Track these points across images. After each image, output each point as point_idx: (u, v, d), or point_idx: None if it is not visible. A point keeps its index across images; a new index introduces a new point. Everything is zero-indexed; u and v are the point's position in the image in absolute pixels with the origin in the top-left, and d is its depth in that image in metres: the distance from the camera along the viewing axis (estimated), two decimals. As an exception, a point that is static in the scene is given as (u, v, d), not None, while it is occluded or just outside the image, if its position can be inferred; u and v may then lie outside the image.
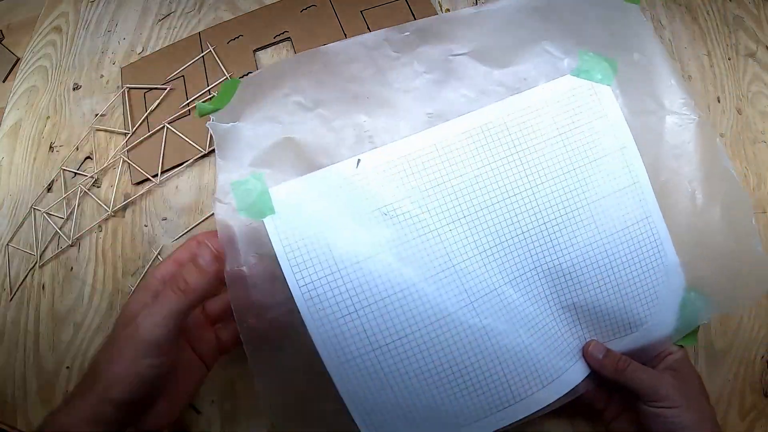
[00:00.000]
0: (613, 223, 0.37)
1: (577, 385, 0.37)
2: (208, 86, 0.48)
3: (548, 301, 0.37)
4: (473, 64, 0.39)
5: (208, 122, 0.36)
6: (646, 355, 0.37)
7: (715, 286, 0.38)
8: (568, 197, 0.37)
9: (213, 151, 0.46)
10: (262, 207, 0.34)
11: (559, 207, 0.36)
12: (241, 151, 0.36)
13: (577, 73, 0.38)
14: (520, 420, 0.36)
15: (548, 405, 0.36)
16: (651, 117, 0.38)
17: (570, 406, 0.37)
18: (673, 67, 0.40)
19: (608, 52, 0.39)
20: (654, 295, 0.37)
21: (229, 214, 0.34)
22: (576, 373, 0.37)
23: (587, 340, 0.37)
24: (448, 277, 0.35)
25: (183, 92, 0.49)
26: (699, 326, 0.38)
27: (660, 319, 0.37)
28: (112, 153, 0.48)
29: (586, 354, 0.37)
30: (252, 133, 0.36)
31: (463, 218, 0.36)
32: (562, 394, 0.36)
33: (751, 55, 0.50)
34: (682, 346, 0.37)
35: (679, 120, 0.38)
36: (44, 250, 0.47)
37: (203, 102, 0.38)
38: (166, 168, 0.47)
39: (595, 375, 0.37)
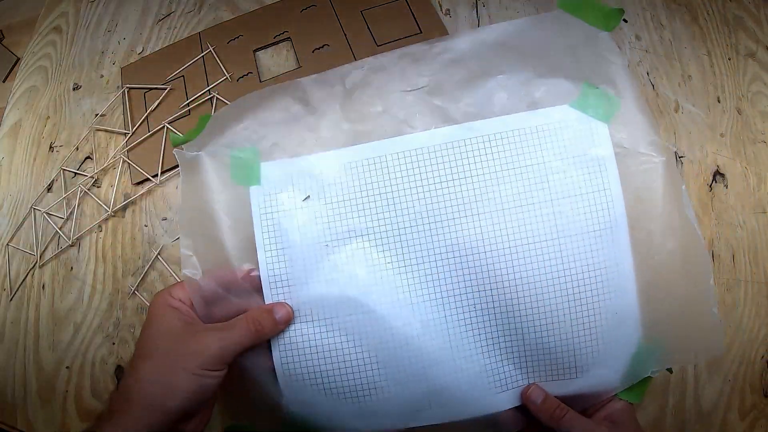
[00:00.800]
0: (580, 263, 0.35)
1: (498, 413, 0.36)
2: (208, 86, 0.48)
3: (488, 326, 0.36)
4: (424, 99, 0.39)
5: (174, 150, 0.39)
6: (587, 401, 0.36)
7: (669, 342, 0.36)
8: (538, 227, 0.35)
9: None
10: (250, 176, 0.38)
11: (526, 235, 0.35)
12: (204, 175, 0.38)
13: (577, 105, 0.37)
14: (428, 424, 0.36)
15: (460, 421, 0.36)
16: (618, 155, 0.36)
17: None
18: (644, 103, 0.37)
19: (575, 82, 0.37)
20: (607, 343, 0.36)
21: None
22: (500, 402, 0.36)
23: (527, 373, 0.36)
24: (387, 278, 0.36)
25: (183, 92, 0.49)
26: (648, 382, 0.37)
27: (609, 367, 0.36)
28: (112, 153, 0.48)
29: (525, 397, 0.36)
30: (213, 160, 0.39)
31: (409, 228, 0.36)
32: (476, 415, 0.36)
33: (751, 55, 0.50)
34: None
35: (646, 161, 0.36)
36: (44, 250, 0.47)
37: (176, 135, 0.40)
38: (166, 168, 0.47)
39: (522, 412, 0.37)
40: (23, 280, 0.47)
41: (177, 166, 0.46)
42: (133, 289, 0.44)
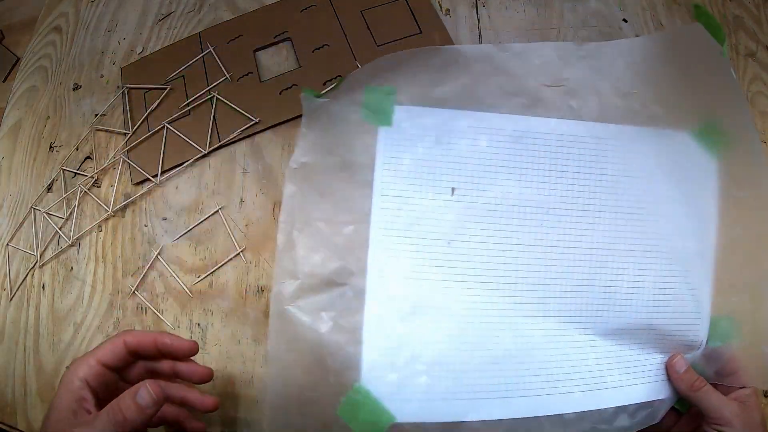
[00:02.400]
0: (671, 279, 0.38)
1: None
2: (208, 86, 0.48)
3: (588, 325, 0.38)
4: (561, 98, 0.41)
5: (301, 94, 0.41)
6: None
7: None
8: (642, 236, 0.39)
9: (213, 150, 0.47)
10: (382, 116, 0.40)
11: (632, 242, 0.39)
12: (328, 122, 0.40)
13: (694, 136, 0.40)
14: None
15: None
16: (722, 188, 0.39)
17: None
18: (757, 142, 0.39)
19: (693, 109, 0.40)
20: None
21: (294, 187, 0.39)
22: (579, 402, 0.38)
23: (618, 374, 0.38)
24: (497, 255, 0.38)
25: (183, 92, 0.49)
26: None
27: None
28: (112, 153, 0.48)
29: (669, 365, 0.38)
30: (343, 108, 0.40)
31: (542, 215, 0.38)
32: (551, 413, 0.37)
33: (751, 55, 0.50)
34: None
35: (751, 194, 0.39)
36: (44, 250, 0.47)
37: (310, 90, 0.42)
38: (166, 168, 0.47)
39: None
40: (23, 280, 0.47)
41: (176, 166, 0.47)
42: (133, 289, 0.44)
